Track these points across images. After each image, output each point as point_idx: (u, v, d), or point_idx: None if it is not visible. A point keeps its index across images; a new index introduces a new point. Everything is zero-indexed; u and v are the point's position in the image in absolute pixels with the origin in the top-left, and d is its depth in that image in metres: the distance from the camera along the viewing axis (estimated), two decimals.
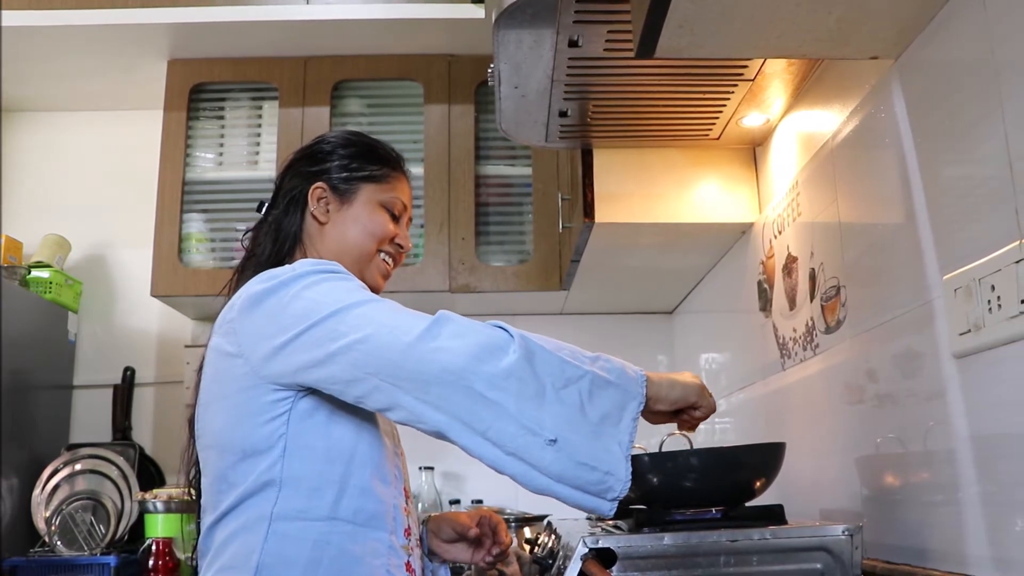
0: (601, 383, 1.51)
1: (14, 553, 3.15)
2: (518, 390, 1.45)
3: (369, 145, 1.96)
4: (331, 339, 1.52)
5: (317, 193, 1.88)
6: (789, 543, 1.69)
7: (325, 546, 1.57)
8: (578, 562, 1.67)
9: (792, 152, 2.39)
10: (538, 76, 2.16)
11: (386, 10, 3.39)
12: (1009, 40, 1.41)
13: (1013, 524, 1.42)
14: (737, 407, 3.00)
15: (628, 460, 1.49)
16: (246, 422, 1.60)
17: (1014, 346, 1.39)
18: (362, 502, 1.60)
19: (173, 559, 3.09)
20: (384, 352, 1.48)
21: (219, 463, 1.65)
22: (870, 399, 1.94)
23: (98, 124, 4.13)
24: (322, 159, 1.93)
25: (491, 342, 1.48)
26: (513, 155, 3.64)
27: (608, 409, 1.50)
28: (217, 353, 1.67)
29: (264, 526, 1.57)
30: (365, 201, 1.89)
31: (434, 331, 1.49)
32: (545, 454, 1.44)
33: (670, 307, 3.98)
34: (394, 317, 1.53)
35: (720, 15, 1.55)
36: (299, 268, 1.65)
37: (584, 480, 1.46)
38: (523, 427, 1.44)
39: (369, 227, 1.87)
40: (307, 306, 1.56)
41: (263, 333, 1.59)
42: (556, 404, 1.46)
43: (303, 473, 1.59)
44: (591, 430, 1.47)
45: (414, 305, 3.68)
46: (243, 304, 1.64)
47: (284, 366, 1.57)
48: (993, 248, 1.43)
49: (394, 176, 1.93)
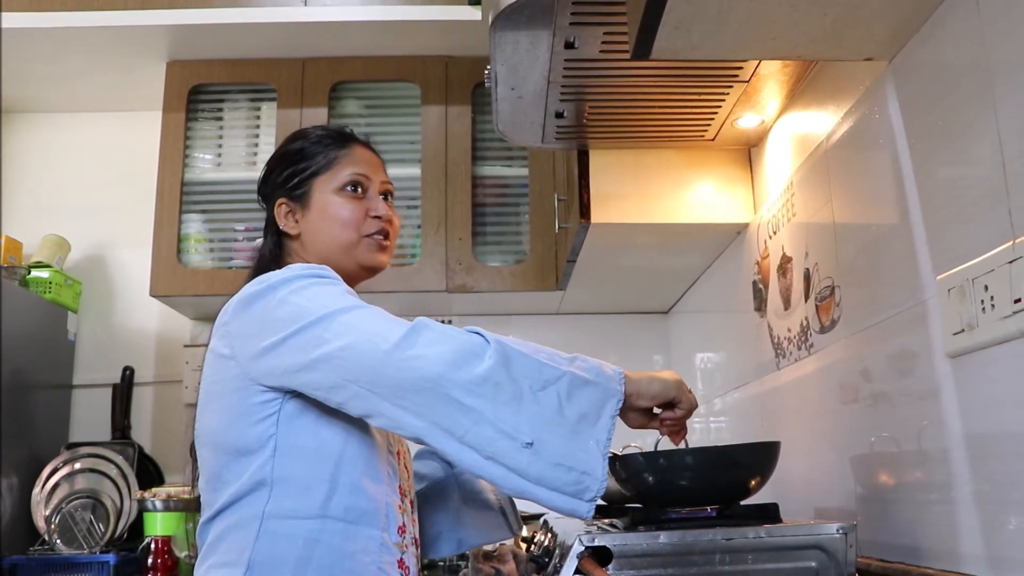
0: (579, 382, 1.52)
1: (14, 551, 3.15)
2: (494, 395, 1.47)
3: (303, 141, 1.95)
4: (315, 345, 1.54)
5: (282, 210, 1.90)
6: (784, 541, 1.69)
7: (316, 544, 1.59)
8: (574, 560, 1.67)
9: (787, 153, 2.39)
10: (534, 77, 2.17)
11: (383, 12, 3.40)
12: (1002, 42, 1.41)
13: (1006, 522, 1.43)
14: (732, 406, 3.01)
15: (605, 458, 1.51)
16: (238, 422, 1.63)
17: (1007, 345, 1.39)
18: (353, 500, 1.62)
19: (172, 557, 3.09)
20: (363, 360, 1.50)
21: (214, 462, 1.68)
22: (864, 398, 1.95)
23: (97, 125, 4.14)
24: (273, 177, 1.95)
25: (467, 348, 1.50)
26: (510, 156, 3.65)
27: (587, 408, 1.52)
28: (213, 355, 1.70)
29: (256, 524, 1.60)
30: (320, 195, 1.88)
31: (411, 339, 1.50)
32: (522, 457, 1.46)
33: (666, 307, 3.99)
34: (375, 325, 1.55)
35: (715, 17, 1.56)
36: (288, 273, 1.67)
37: (561, 481, 1.48)
38: (500, 431, 1.46)
39: (334, 218, 1.86)
40: (294, 311, 1.58)
41: (251, 335, 1.62)
42: (533, 406, 1.48)
43: (293, 473, 1.61)
44: (569, 430, 1.49)
45: (412, 305, 3.70)
46: (235, 307, 1.68)
47: (270, 368, 1.59)
48: (986, 248, 1.43)
49: (341, 155, 1.91)
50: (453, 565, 3.26)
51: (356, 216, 1.87)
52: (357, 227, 1.87)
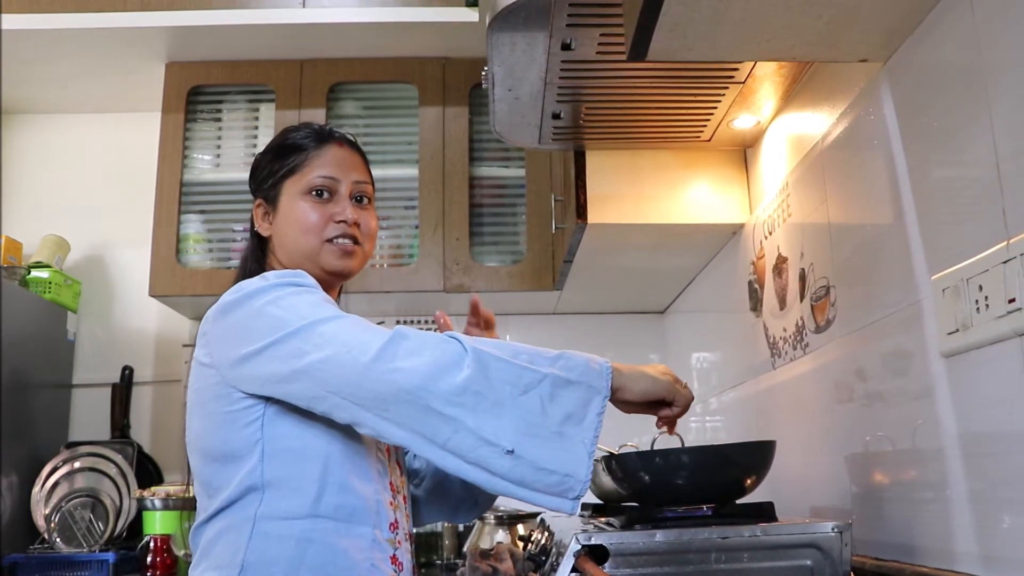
0: (562, 383, 1.54)
1: (14, 549, 3.17)
2: (474, 404, 1.48)
3: (282, 140, 1.91)
4: (295, 356, 1.55)
5: (259, 212, 1.90)
6: (779, 540, 1.69)
7: (307, 543, 1.60)
8: (571, 559, 1.67)
9: (782, 154, 2.40)
10: (531, 79, 2.17)
11: (381, 14, 3.41)
12: (996, 43, 1.42)
13: (1000, 521, 1.44)
14: (728, 406, 3.02)
15: (591, 457, 1.53)
16: (223, 429, 1.64)
17: (1001, 345, 1.40)
18: (342, 499, 1.63)
19: (170, 555, 3.11)
20: (343, 373, 1.52)
21: (203, 468, 1.69)
22: (859, 398, 1.96)
23: (97, 126, 4.15)
24: (254, 177, 1.94)
25: (445, 358, 1.51)
26: (507, 157, 3.66)
27: (571, 408, 1.53)
28: (196, 363, 1.71)
29: (248, 526, 1.61)
30: (287, 198, 1.84)
31: (390, 350, 1.51)
32: (504, 462, 1.48)
33: (662, 307, 4.00)
34: (354, 335, 1.55)
35: (711, 18, 1.56)
36: (264, 282, 1.67)
37: (545, 483, 1.50)
38: (481, 439, 1.48)
39: (296, 223, 1.82)
40: (272, 322, 1.59)
41: (229, 343, 1.63)
42: (514, 412, 1.49)
43: (283, 475, 1.62)
44: (553, 433, 1.51)
45: (410, 305, 3.71)
46: (214, 315, 1.69)
47: (250, 376, 1.60)
48: (981, 249, 1.44)
49: (311, 157, 1.85)
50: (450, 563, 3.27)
51: (318, 222, 1.81)
52: (319, 232, 1.81)
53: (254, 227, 1.91)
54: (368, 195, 1.91)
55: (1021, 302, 1.33)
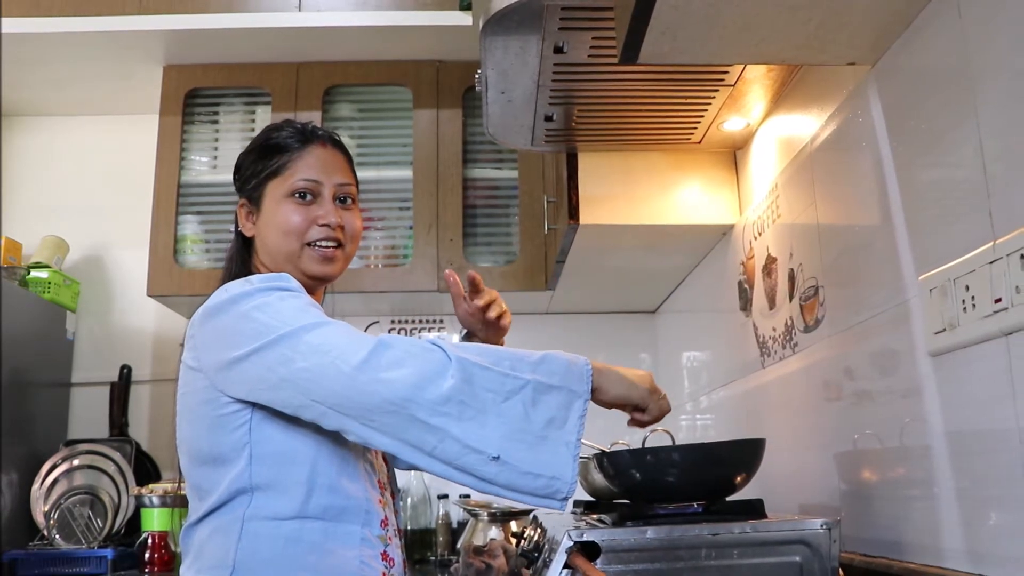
0: (543, 388, 1.55)
1: (14, 546, 3.19)
2: (459, 413, 1.50)
3: (265, 139, 1.88)
4: (280, 364, 1.55)
5: (243, 212, 1.88)
6: (769, 536, 1.70)
7: (297, 543, 1.61)
8: (563, 555, 1.68)
9: (772, 156, 2.41)
10: (524, 81, 2.19)
11: (376, 17, 3.43)
12: (983, 47, 1.43)
13: (986, 518, 1.45)
14: (718, 404, 3.03)
15: (576, 459, 1.54)
16: (212, 433, 1.65)
17: (987, 344, 1.42)
18: (331, 499, 1.64)
19: (168, 552, 3.13)
20: (328, 382, 1.52)
21: (193, 471, 1.71)
22: (848, 396, 1.97)
23: (96, 128, 4.16)
24: (238, 176, 1.92)
25: (429, 368, 1.52)
26: (500, 158, 3.68)
27: (553, 412, 1.55)
28: (184, 366, 1.72)
29: (238, 527, 1.62)
30: (270, 200, 1.82)
31: (374, 360, 1.52)
32: (490, 468, 1.50)
33: (653, 306, 4.02)
34: (338, 344, 1.55)
35: (702, 22, 1.58)
36: (249, 286, 1.67)
37: (532, 486, 1.52)
38: (466, 447, 1.50)
39: (277, 226, 1.80)
40: (257, 327, 1.59)
41: (215, 347, 1.64)
42: (497, 419, 1.51)
43: (271, 478, 1.63)
44: (536, 437, 1.53)
45: (404, 305, 3.72)
46: (200, 318, 1.69)
47: (236, 381, 1.61)
48: (967, 249, 1.46)
49: (294, 158, 1.83)
50: (444, 559, 3.29)
51: (300, 225, 1.80)
52: (300, 236, 1.80)
53: (238, 227, 1.89)
54: (352, 196, 1.89)
55: (1007, 302, 1.34)
